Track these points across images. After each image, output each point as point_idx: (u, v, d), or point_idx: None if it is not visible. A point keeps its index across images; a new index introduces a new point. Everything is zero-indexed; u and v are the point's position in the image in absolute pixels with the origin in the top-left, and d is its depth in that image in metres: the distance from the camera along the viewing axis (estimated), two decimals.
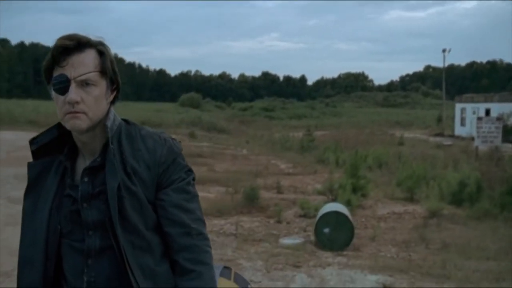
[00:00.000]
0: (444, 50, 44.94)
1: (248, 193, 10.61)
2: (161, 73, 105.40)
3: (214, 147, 25.55)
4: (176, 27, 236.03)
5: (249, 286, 3.09)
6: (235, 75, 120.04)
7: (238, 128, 42.79)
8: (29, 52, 78.40)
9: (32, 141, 1.55)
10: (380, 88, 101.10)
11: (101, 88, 1.47)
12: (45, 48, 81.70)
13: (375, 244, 7.72)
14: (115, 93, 1.54)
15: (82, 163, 1.53)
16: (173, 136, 1.61)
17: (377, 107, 70.86)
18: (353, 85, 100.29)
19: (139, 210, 1.48)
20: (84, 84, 1.43)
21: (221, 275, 2.80)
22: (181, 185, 1.54)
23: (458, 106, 36.72)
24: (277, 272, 6.17)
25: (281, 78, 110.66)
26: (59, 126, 1.52)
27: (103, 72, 1.47)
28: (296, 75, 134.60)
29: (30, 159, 1.59)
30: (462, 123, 34.91)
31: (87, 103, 1.43)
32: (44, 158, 1.55)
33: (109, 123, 1.50)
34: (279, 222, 9.37)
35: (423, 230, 8.57)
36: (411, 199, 11.99)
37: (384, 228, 8.94)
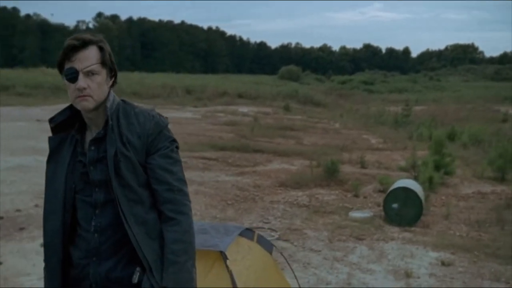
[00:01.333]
0: None
1: (328, 167, 10.79)
2: (262, 45, 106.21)
3: (307, 121, 25.72)
4: None
5: (273, 248, 3.42)
6: (336, 47, 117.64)
7: (335, 101, 42.36)
8: (137, 27, 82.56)
9: (50, 120, 1.97)
10: (492, 60, 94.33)
11: (102, 76, 1.86)
12: (151, 23, 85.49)
13: (447, 222, 7.65)
14: (113, 78, 1.93)
15: (89, 135, 1.94)
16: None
17: (487, 81, 66.54)
18: (460, 57, 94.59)
19: (132, 171, 1.87)
20: (90, 74, 1.83)
21: (241, 235, 3.15)
22: (165, 152, 1.93)
23: None
24: (339, 243, 6.42)
25: (384, 50, 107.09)
26: (71, 107, 1.93)
27: (103, 63, 1.86)
28: (399, 47, 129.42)
29: None
30: None
31: (92, 89, 1.83)
32: (60, 133, 1.97)
33: (108, 104, 1.89)
34: (356, 196, 9.48)
35: (503, 211, 8.30)
36: (502, 179, 11.52)
37: (462, 207, 8.77)
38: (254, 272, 2.93)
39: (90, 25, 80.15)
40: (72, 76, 1.81)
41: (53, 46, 59.29)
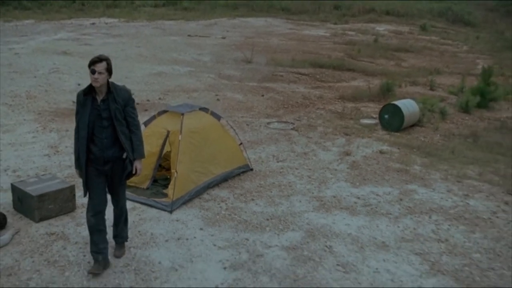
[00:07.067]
0: None
1: (383, 85, 13.63)
2: None
3: (433, 42, 26.67)
4: None
5: (221, 118, 7.14)
6: None
7: (494, 21, 40.93)
8: None
9: (83, 90, 4.80)
10: None
11: (105, 74, 4.69)
12: None
13: (431, 133, 10.36)
14: (110, 75, 5.18)
15: (98, 98, 4.78)
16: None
17: None
18: None
19: (120, 113, 5.09)
20: (100, 73, 4.70)
21: (201, 110, 6.95)
22: (132, 105, 5.18)
23: None
24: (330, 135, 9.74)
25: None
26: (90, 85, 4.76)
27: (107, 69, 4.93)
28: None
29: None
30: None
31: (100, 79, 4.65)
32: (86, 96, 4.77)
33: (110, 85, 5.19)
34: None
35: (492, 131, 10.68)
36: None
37: (467, 125, 11.23)
38: (203, 124, 6.65)
39: None
40: (94, 72, 4.61)
41: None
